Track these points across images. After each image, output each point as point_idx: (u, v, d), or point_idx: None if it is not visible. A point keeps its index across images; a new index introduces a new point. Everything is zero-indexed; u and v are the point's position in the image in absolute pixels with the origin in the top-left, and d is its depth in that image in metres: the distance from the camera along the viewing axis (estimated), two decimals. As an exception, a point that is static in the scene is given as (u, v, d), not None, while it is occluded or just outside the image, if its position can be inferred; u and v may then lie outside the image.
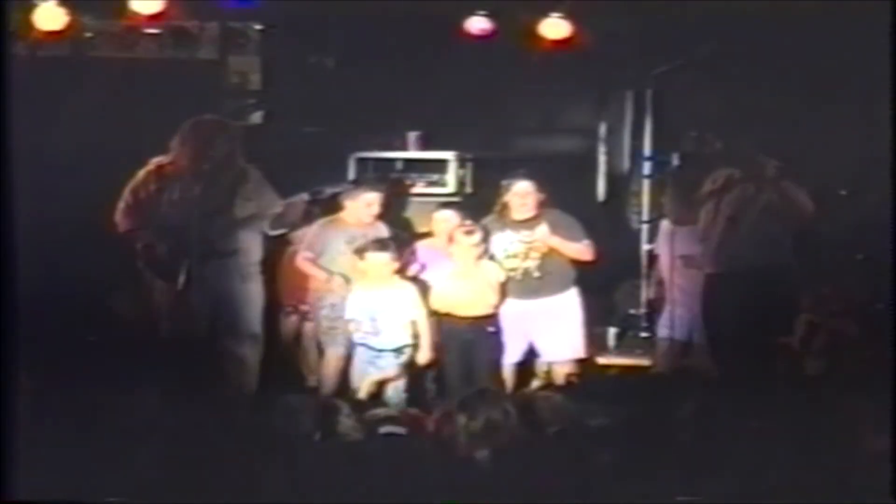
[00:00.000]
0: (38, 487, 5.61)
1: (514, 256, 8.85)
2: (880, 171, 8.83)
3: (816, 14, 8.92)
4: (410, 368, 8.56)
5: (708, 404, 6.53)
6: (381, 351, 8.51)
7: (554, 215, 8.91)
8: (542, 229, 8.81)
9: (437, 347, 8.68)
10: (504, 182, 8.97)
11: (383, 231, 8.90)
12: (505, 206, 8.92)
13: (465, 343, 8.65)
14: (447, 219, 9.03)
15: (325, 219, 8.97)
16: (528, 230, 8.86)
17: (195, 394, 6.81)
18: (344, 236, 8.82)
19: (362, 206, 8.89)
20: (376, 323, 8.49)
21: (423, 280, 8.79)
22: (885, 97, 8.14)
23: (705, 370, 9.06)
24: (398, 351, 8.52)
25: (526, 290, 8.84)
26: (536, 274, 8.85)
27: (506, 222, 8.90)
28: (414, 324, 8.54)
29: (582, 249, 8.90)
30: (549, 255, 8.86)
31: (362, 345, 8.53)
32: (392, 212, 9.35)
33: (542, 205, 8.89)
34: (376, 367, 8.50)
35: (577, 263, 8.94)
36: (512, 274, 8.83)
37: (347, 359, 8.68)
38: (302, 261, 8.90)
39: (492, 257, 8.81)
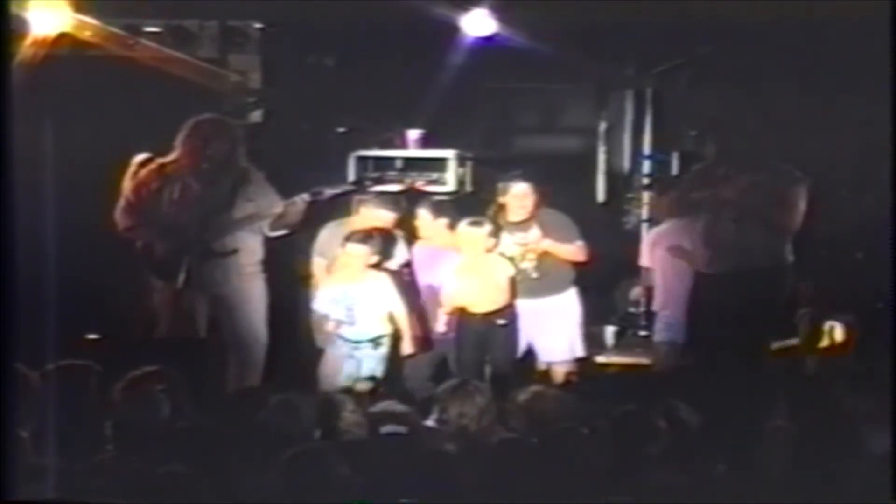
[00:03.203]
0: (38, 487, 5.61)
1: (511, 259, 8.84)
2: (880, 170, 8.84)
3: (816, 14, 8.92)
4: (391, 361, 8.56)
5: (705, 403, 6.54)
6: (357, 342, 8.49)
7: (548, 216, 8.89)
8: (534, 232, 8.81)
9: (421, 340, 8.70)
10: (500, 184, 8.96)
11: (393, 237, 8.89)
12: (501, 208, 8.91)
13: (478, 337, 8.65)
14: (426, 217, 9.01)
15: (335, 222, 8.96)
16: (522, 232, 8.85)
17: (195, 393, 6.80)
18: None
19: (372, 219, 8.86)
20: (352, 313, 8.48)
21: (432, 279, 8.79)
22: (886, 97, 8.15)
23: (700, 369, 9.04)
24: (375, 341, 8.50)
25: (524, 291, 8.83)
26: (534, 275, 8.84)
27: (502, 224, 8.88)
28: (391, 315, 8.52)
29: (574, 251, 8.89)
30: (547, 256, 8.85)
31: (339, 337, 8.51)
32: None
33: (538, 206, 8.88)
34: (354, 360, 8.49)
35: (575, 263, 8.94)
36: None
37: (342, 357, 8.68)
38: (316, 268, 8.90)
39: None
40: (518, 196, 8.86)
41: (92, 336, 8.94)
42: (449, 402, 6.68)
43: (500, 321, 8.69)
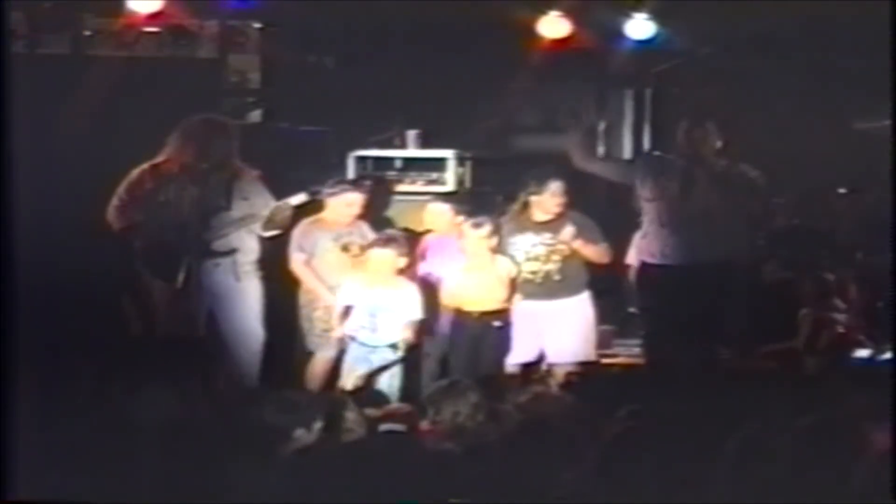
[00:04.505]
0: (38, 487, 5.60)
1: (536, 259, 8.78)
2: (880, 169, 8.85)
3: (816, 13, 8.93)
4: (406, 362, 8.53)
5: (704, 402, 6.53)
6: (375, 347, 8.47)
7: (577, 217, 8.81)
8: (569, 230, 8.71)
9: (441, 343, 8.69)
10: (534, 181, 8.83)
11: (366, 230, 8.86)
12: (525, 206, 8.85)
13: (473, 338, 8.63)
14: (442, 212, 9.01)
15: (308, 219, 8.94)
16: (550, 232, 8.77)
17: (195, 392, 6.80)
18: (330, 235, 8.81)
19: (343, 206, 8.86)
20: (375, 319, 8.46)
21: (434, 274, 8.78)
22: (885, 96, 8.16)
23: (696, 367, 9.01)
24: (394, 346, 8.46)
25: (543, 292, 8.79)
26: (557, 277, 8.79)
27: (525, 224, 8.80)
28: (414, 324, 8.50)
29: (602, 252, 8.84)
30: (570, 257, 8.80)
31: (355, 339, 8.49)
32: (379, 210, 9.37)
33: (565, 205, 8.83)
34: (368, 363, 8.46)
35: (590, 266, 8.88)
36: (532, 276, 8.76)
37: (337, 362, 8.64)
38: (296, 263, 8.90)
39: (511, 258, 8.74)
40: (557, 193, 8.75)
41: (91, 336, 8.93)
42: (442, 402, 6.68)
43: (497, 323, 8.67)
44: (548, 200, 8.76)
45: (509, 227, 8.82)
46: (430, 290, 8.69)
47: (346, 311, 8.49)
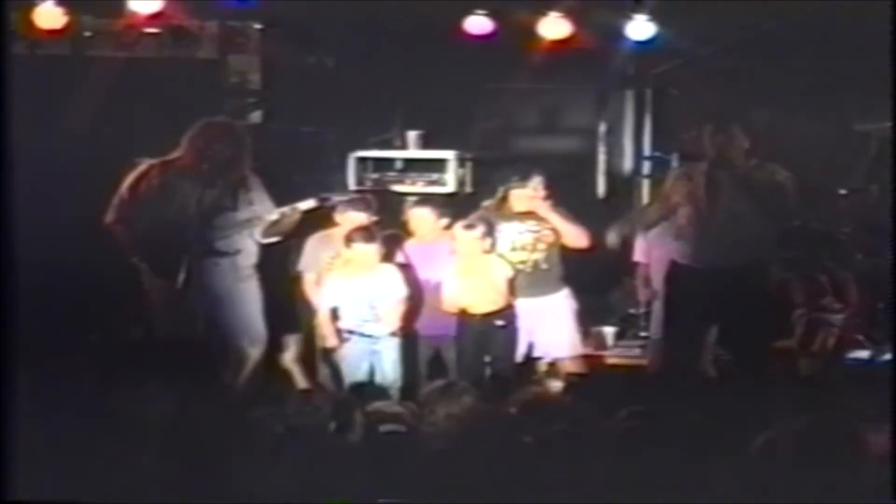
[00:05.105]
0: (38, 487, 5.61)
1: (523, 248, 8.80)
2: (880, 170, 8.85)
3: (816, 14, 8.93)
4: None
5: (705, 403, 6.54)
6: (379, 338, 8.48)
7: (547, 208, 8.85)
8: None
9: (443, 343, 8.72)
10: (515, 178, 8.81)
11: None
12: (505, 199, 8.84)
13: (478, 338, 8.62)
14: (423, 216, 9.00)
15: (319, 234, 8.94)
16: (534, 220, 8.77)
17: (195, 392, 6.80)
18: (331, 251, 8.80)
19: (350, 223, 8.82)
20: (376, 311, 8.48)
21: (428, 279, 8.77)
22: (885, 97, 8.16)
23: (700, 369, 9.02)
24: (394, 334, 8.49)
25: (531, 287, 8.78)
26: (545, 266, 8.80)
27: (506, 215, 8.81)
28: (402, 304, 8.51)
29: (582, 234, 8.82)
30: (553, 246, 8.80)
31: (358, 333, 8.50)
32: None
33: (545, 199, 8.82)
34: (374, 352, 8.47)
35: (570, 260, 8.88)
36: (522, 266, 8.77)
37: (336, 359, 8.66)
38: (307, 284, 8.88)
39: (499, 249, 8.75)
40: (537, 188, 8.76)
41: (92, 336, 8.94)
42: (437, 403, 6.69)
43: (499, 322, 8.67)
44: (529, 195, 8.78)
45: (492, 218, 8.80)
46: (423, 293, 8.70)
47: (335, 313, 8.50)
